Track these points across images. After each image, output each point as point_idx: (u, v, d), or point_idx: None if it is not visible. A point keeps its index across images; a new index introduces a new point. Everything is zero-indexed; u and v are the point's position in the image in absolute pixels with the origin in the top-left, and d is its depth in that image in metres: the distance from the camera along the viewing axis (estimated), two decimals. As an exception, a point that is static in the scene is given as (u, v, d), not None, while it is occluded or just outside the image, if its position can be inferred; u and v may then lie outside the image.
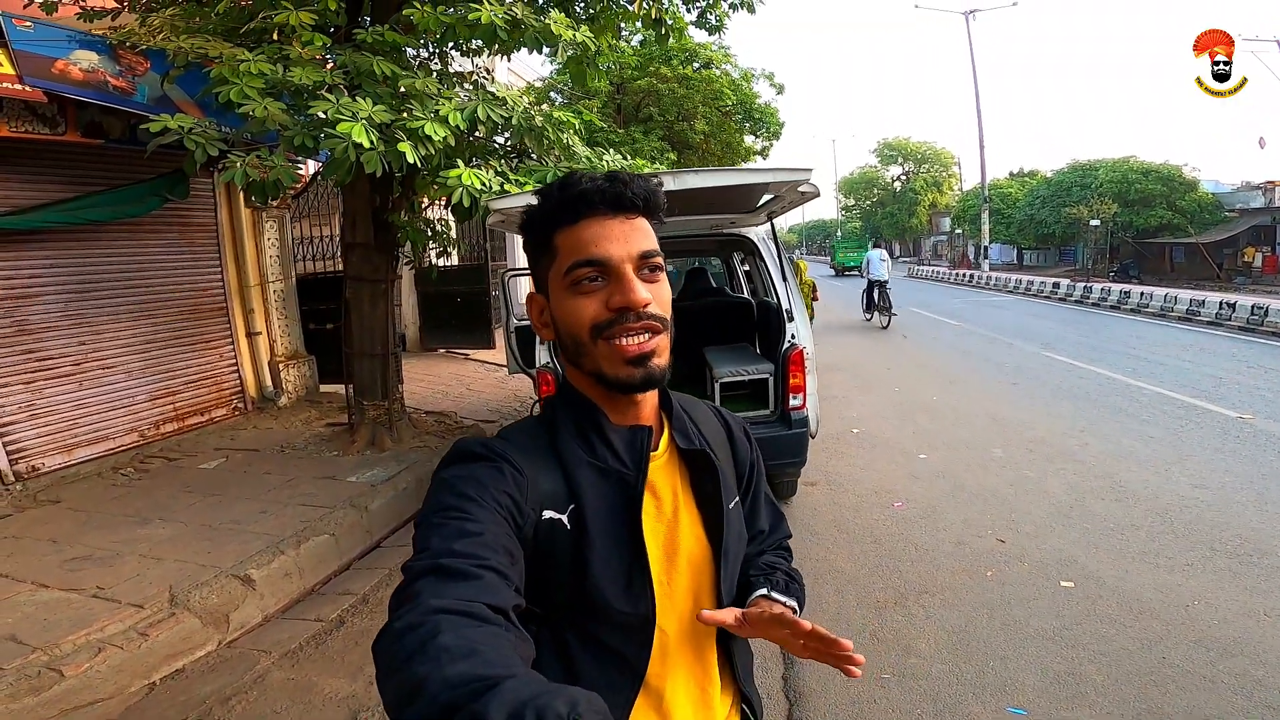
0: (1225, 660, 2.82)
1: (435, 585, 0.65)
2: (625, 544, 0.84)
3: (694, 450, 0.92)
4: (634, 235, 0.83)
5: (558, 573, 0.81)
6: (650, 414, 0.91)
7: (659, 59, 13.55)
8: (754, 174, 3.30)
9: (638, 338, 0.81)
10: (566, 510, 0.83)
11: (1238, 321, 12.99)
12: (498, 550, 0.72)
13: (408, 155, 3.63)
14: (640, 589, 0.84)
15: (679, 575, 0.89)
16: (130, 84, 4.44)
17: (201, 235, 6.57)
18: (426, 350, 11.72)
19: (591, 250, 0.81)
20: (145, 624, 3.12)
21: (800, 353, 4.09)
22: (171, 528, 4.16)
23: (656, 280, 0.84)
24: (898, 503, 4.76)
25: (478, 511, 0.75)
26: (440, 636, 0.58)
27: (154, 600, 3.26)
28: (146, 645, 3.02)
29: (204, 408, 6.58)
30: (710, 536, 0.92)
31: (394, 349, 5.99)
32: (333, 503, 4.47)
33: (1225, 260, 24.99)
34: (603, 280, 0.82)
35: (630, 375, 0.82)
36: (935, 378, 9.20)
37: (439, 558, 0.68)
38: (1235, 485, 4.78)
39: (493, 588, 0.67)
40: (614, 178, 0.83)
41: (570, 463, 0.85)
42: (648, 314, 0.81)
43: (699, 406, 1.03)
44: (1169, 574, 3.58)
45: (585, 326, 0.82)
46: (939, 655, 2.98)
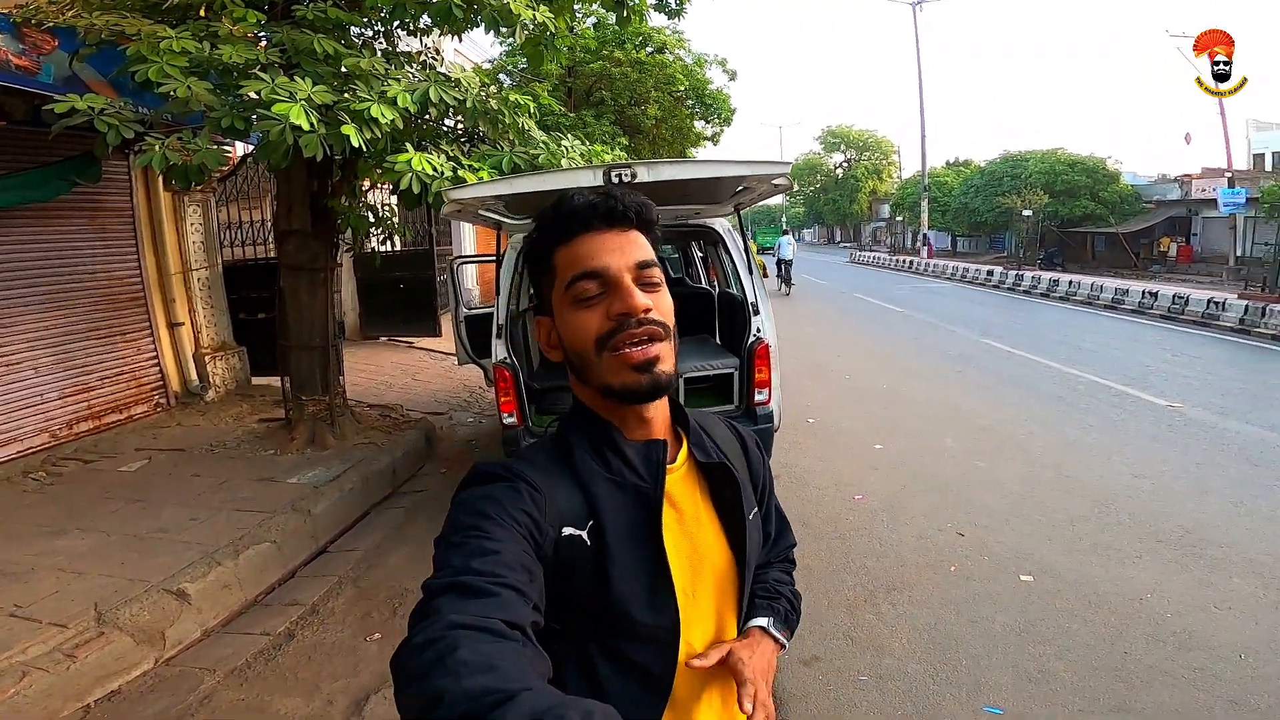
0: (1184, 654, 2.91)
1: (454, 602, 0.66)
2: (647, 557, 0.84)
3: (713, 464, 0.93)
4: (629, 247, 0.84)
5: (580, 589, 0.82)
6: (663, 428, 0.91)
7: (613, 42, 13.28)
8: (732, 167, 3.17)
9: (641, 345, 0.81)
10: (586, 526, 0.83)
11: (1159, 310, 13.73)
12: (516, 568, 0.72)
13: (352, 139, 3.35)
14: (664, 601, 0.84)
15: (703, 587, 0.90)
16: (35, 63, 3.99)
17: (116, 221, 6.06)
18: (367, 339, 11.27)
19: (589, 263, 0.83)
20: (71, 644, 2.89)
21: (765, 347, 4.02)
22: (92, 538, 3.86)
23: (656, 290, 0.85)
24: (858, 495, 4.79)
25: (496, 530, 0.75)
26: (459, 651, 0.59)
27: (78, 619, 3.02)
28: (75, 667, 2.81)
29: (122, 404, 6.14)
30: (733, 547, 0.93)
31: (334, 340, 5.66)
32: (272, 507, 4.22)
33: (1142, 250, 26.42)
34: (603, 292, 0.83)
35: (636, 382, 0.82)
36: (885, 365, 9.38)
37: (458, 575, 0.69)
38: (1173, 474, 5.00)
39: (511, 605, 0.68)
40: (606, 193, 0.85)
41: (587, 479, 0.85)
42: (649, 319, 0.82)
43: (715, 423, 1.04)
44: (1121, 566, 3.69)
45: (590, 340, 0.83)
46: (913, 655, 3.00)
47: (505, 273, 3.98)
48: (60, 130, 3.40)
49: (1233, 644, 2.94)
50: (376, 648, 3.17)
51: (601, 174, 2.80)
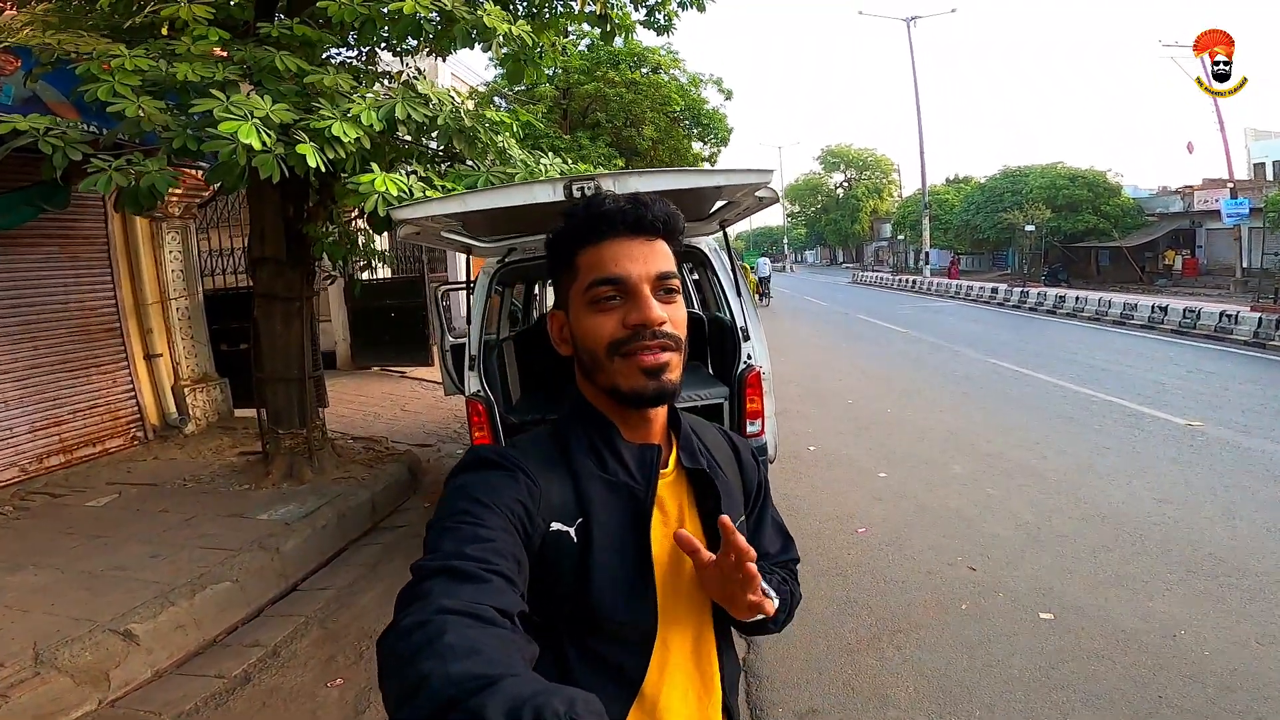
0: (1225, 696, 2.64)
1: (445, 585, 0.66)
2: (632, 558, 0.85)
3: (698, 470, 0.94)
4: (653, 256, 0.85)
5: (560, 585, 0.82)
6: (660, 432, 0.93)
7: (606, 63, 13.27)
8: (706, 176, 2.95)
9: (653, 352, 0.83)
10: (574, 524, 0.84)
11: (1170, 325, 13.46)
12: (506, 557, 0.73)
13: (310, 158, 3.16)
14: (644, 603, 0.85)
15: (683, 590, 0.90)
16: (-6, 83, 3.85)
17: (88, 249, 5.92)
18: (359, 368, 11.10)
19: (611, 269, 0.84)
20: (5, 684, 2.78)
21: (758, 374, 3.77)
22: (45, 575, 3.74)
23: (673, 301, 0.86)
24: (861, 528, 4.52)
25: (490, 517, 0.76)
26: (446, 635, 0.59)
27: (16, 658, 2.91)
28: (7, 707, 2.71)
29: (96, 438, 6.00)
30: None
31: (313, 372, 5.46)
32: (237, 544, 4.06)
33: (1147, 263, 26.23)
34: (620, 298, 0.84)
35: (644, 387, 0.84)
36: (888, 389, 9.10)
37: (450, 559, 0.70)
38: (1199, 499, 4.70)
39: (501, 592, 0.68)
40: (636, 200, 0.86)
41: (581, 476, 0.86)
42: (663, 332, 0.83)
43: (708, 429, 1.05)
44: (1149, 600, 3.41)
45: (603, 343, 0.84)
46: (919, 705, 2.72)
47: (477, 300, 3.75)
48: (7, 152, 3.23)
49: (1278, 683, 2.68)
50: (338, 694, 2.95)
51: (562, 188, 2.58)
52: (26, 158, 3.50)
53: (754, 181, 2.87)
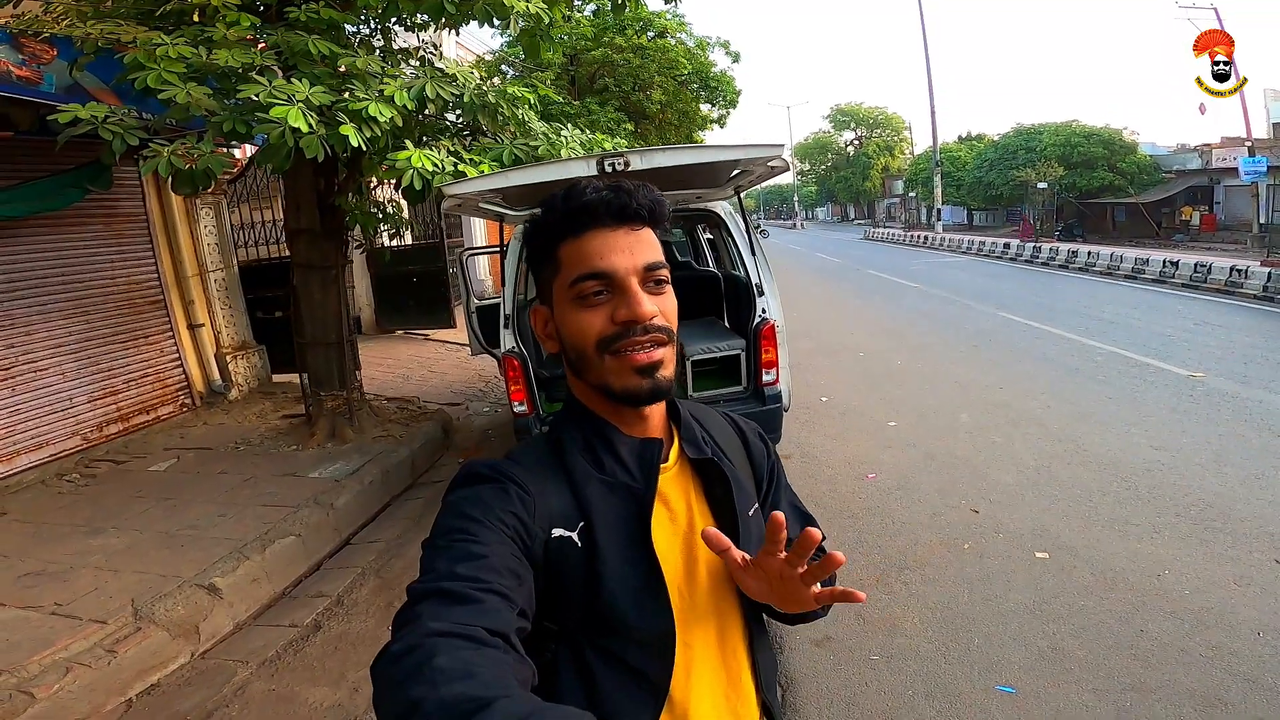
0: (1200, 632, 2.86)
1: (435, 608, 0.65)
2: (639, 559, 0.82)
3: (704, 460, 0.90)
4: (639, 247, 0.81)
5: (571, 591, 0.80)
6: (659, 426, 0.90)
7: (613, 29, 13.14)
8: (725, 151, 3.16)
9: (645, 350, 0.80)
10: (576, 528, 0.81)
11: (1180, 279, 13.42)
12: (502, 573, 0.71)
13: (351, 139, 3.37)
14: (657, 603, 0.82)
15: (700, 587, 0.87)
16: (36, 73, 4.05)
17: (130, 226, 6.15)
18: (384, 332, 11.39)
19: (596, 263, 0.80)
20: (111, 640, 2.99)
21: (771, 327, 4.01)
22: (126, 536, 3.97)
23: (662, 292, 0.83)
24: (870, 474, 4.77)
25: (483, 533, 0.74)
26: (436, 659, 0.58)
27: (117, 615, 3.12)
28: (115, 662, 2.91)
29: (149, 406, 6.28)
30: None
31: (349, 336, 5.74)
32: (295, 501, 4.31)
33: (1164, 219, 25.84)
34: (607, 293, 0.81)
35: (638, 386, 0.81)
36: (898, 342, 9.28)
37: (441, 580, 0.69)
38: (1193, 446, 4.90)
39: (494, 611, 0.67)
40: (618, 188, 0.82)
41: (579, 480, 0.84)
42: (654, 326, 0.80)
43: (710, 415, 1.00)
44: (1138, 542, 3.64)
45: (591, 341, 0.81)
46: (925, 634, 2.99)
47: (510, 263, 4.01)
48: (66, 140, 3.45)
49: (1251, 621, 2.89)
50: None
51: (595, 164, 2.80)
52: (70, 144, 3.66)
53: (767, 155, 3.09)
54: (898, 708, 2.57)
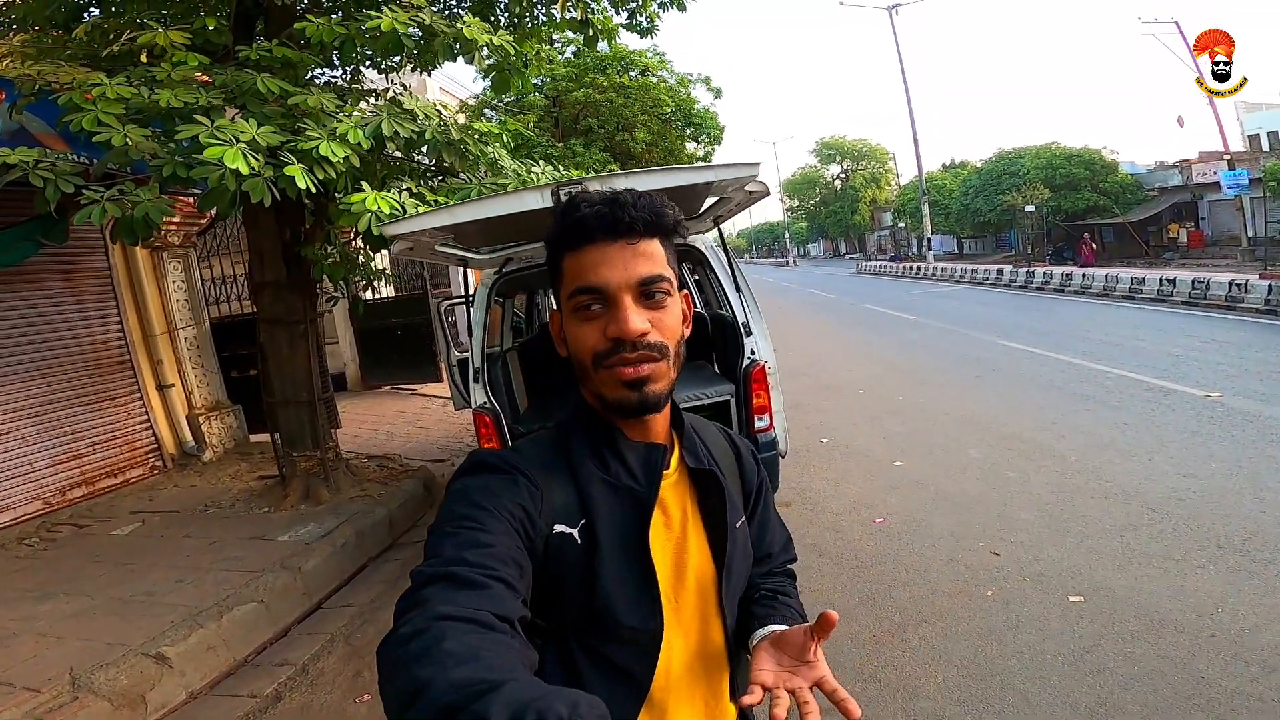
0: (1269, 675, 2.55)
1: (444, 592, 0.66)
2: (635, 560, 0.83)
3: (702, 470, 0.92)
4: (635, 261, 0.81)
5: (567, 587, 0.82)
6: (663, 432, 0.91)
7: (594, 69, 13.26)
8: (694, 173, 2.87)
9: (633, 366, 0.81)
10: (578, 525, 0.83)
11: (1179, 296, 13.30)
12: (507, 562, 0.72)
13: (299, 180, 3.14)
14: (649, 605, 0.83)
15: (687, 593, 0.89)
16: (-23, 117, 3.86)
17: (92, 282, 5.95)
18: (370, 388, 11.13)
19: (589, 277, 0.81)
20: (44, 709, 2.83)
21: (762, 369, 3.71)
22: (76, 602, 3.83)
23: (662, 305, 0.83)
24: (879, 518, 4.46)
25: (490, 522, 0.75)
26: (445, 641, 0.59)
27: (52, 683, 2.97)
28: None
29: (116, 469, 6.08)
30: (715, 555, 0.92)
31: (322, 394, 5.47)
32: (261, 566, 4.13)
33: (1151, 238, 25.99)
34: (602, 307, 0.81)
35: (627, 399, 0.82)
36: (899, 377, 9.01)
37: (450, 565, 0.69)
38: (1223, 471, 4.60)
39: (501, 598, 0.68)
40: (614, 201, 0.82)
41: (583, 478, 0.85)
42: (645, 344, 0.81)
43: (708, 428, 1.03)
44: (1181, 579, 3.32)
45: (587, 354, 0.83)
46: (951, 695, 2.66)
47: (478, 312, 3.72)
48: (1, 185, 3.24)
49: None
50: (365, 709, 2.99)
51: (550, 194, 2.54)
52: (21, 192, 3.51)
53: (742, 175, 2.80)
54: (926, 792, 2.23)
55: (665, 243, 0.85)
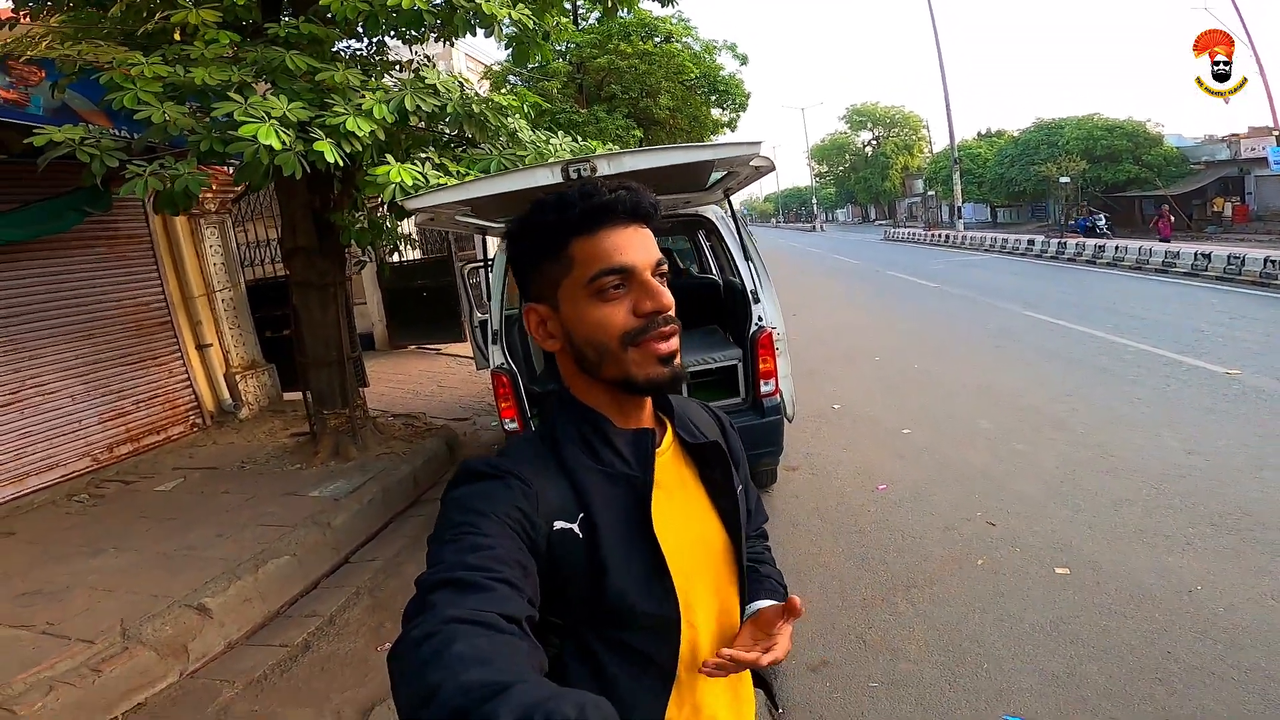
0: (1234, 653, 2.63)
1: (450, 596, 0.67)
2: (641, 545, 0.84)
3: (704, 444, 0.94)
4: (649, 243, 0.85)
5: (576, 582, 0.82)
6: (649, 416, 0.93)
7: (618, 35, 13.09)
8: (696, 151, 3.01)
9: (666, 340, 0.83)
10: (576, 519, 0.83)
11: (1214, 271, 12.93)
12: (509, 563, 0.73)
13: (327, 154, 3.30)
14: (662, 588, 0.84)
15: (701, 567, 0.90)
16: (23, 95, 4.07)
17: (134, 248, 6.21)
18: (396, 348, 11.42)
19: (616, 258, 0.82)
20: (97, 659, 3.00)
21: (769, 335, 3.83)
22: (125, 557, 4.01)
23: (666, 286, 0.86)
24: (881, 485, 4.58)
25: (488, 526, 0.75)
26: (454, 645, 0.59)
27: (105, 635, 3.14)
28: (100, 681, 2.91)
29: (159, 426, 6.36)
30: (726, 525, 0.94)
31: (351, 354, 5.70)
32: (293, 521, 4.31)
33: (1195, 211, 25.14)
34: (624, 287, 0.83)
35: (661, 375, 0.84)
36: (917, 345, 9.02)
37: (453, 570, 0.70)
38: (1230, 450, 4.60)
39: (506, 598, 0.68)
40: (629, 187, 0.85)
41: (576, 472, 0.85)
42: (672, 317, 0.84)
43: (690, 404, 1.05)
44: (1168, 555, 3.40)
45: (615, 335, 0.83)
46: (930, 658, 2.80)
47: (496, 277, 3.90)
48: (46, 164, 3.44)
49: None
50: (385, 658, 3.17)
51: (560, 170, 2.68)
52: (67, 165, 3.66)
53: (744, 154, 2.93)
54: (898, 741, 2.40)
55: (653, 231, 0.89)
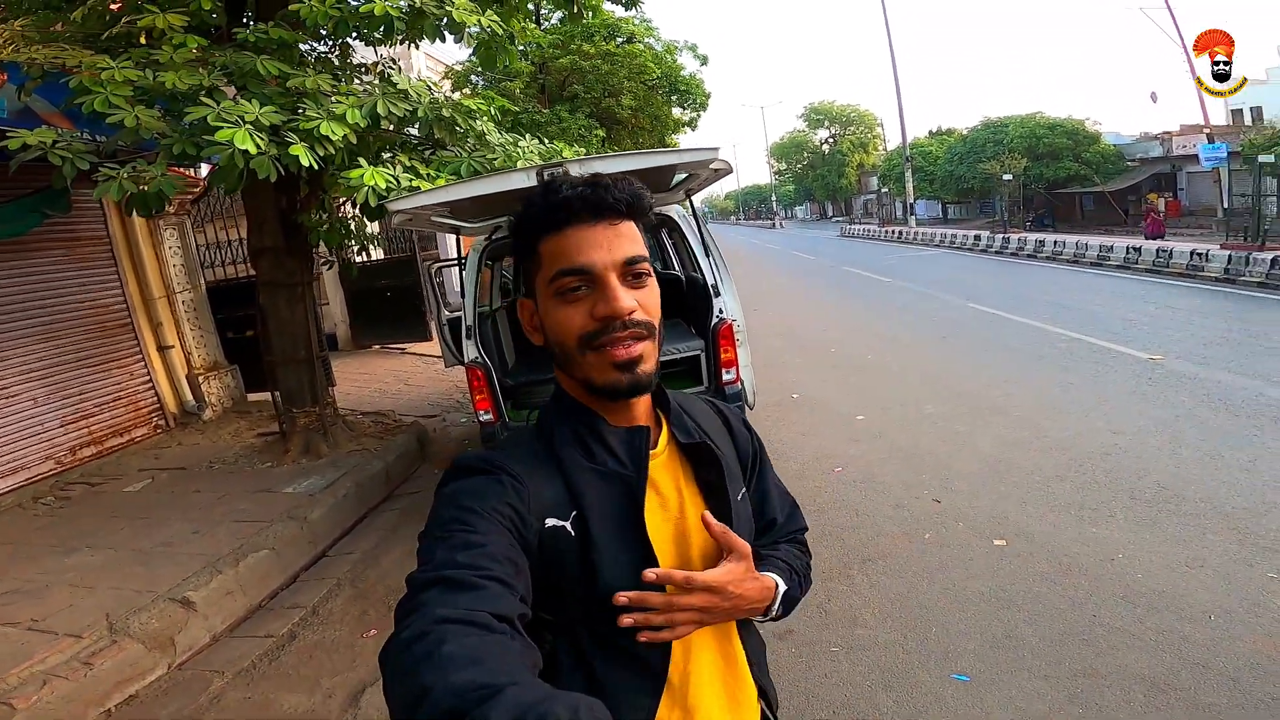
0: (1152, 616, 2.87)
1: (440, 595, 0.66)
2: (633, 545, 0.83)
3: (695, 444, 0.91)
4: (618, 241, 0.81)
5: (567, 580, 0.81)
6: (645, 414, 0.91)
7: (580, 36, 13.22)
8: (662, 155, 3.24)
9: (625, 345, 0.81)
10: (569, 517, 0.82)
11: (1144, 264, 13.71)
12: (501, 561, 0.72)
13: (302, 158, 3.39)
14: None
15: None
16: (-15, 98, 4.02)
17: (93, 250, 6.14)
18: (360, 347, 11.36)
19: (575, 258, 0.80)
20: (87, 653, 3.04)
21: (729, 326, 4.06)
22: (101, 555, 4.01)
23: (643, 285, 0.83)
24: (838, 468, 4.84)
25: (479, 523, 0.75)
26: (446, 645, 0.59)
27: (92, 629, 3.17)
28: (92, 674, 2.96)
29: (122, 428, 6.31)
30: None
31: (320, 352, 5.74)
32: (269, 516, 4.36)
33: (1130, 206, 26.39)
34: (587, 288, 0.81)
35: (617, 381, 0.82)
36: (870, 336, 9.42)
37: (443, 569, 0.69)
38: (1150, 429, 4.99)
39: (497, 597, 0.67)
40: (596, 183, 0.82)
41: (569, 469, 0.84)
42: (633, 321, 0.81)
43: (696, 402, 1.02)
44: (1094, 526, 3.70)
45: (573, 337, 0.82)
46: (884, 624, 3.04)
47: (469, 274, 4.05)
48: (18, 166, 3.45)
49: (1202, 604, 2.92)
50: (373, 643, 3.29)
51: (535, 174, 2.86)
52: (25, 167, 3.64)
53: (705, 158, 3.17)
54: (857, 698, 2.61)
55: (639, 224, 0.85)
